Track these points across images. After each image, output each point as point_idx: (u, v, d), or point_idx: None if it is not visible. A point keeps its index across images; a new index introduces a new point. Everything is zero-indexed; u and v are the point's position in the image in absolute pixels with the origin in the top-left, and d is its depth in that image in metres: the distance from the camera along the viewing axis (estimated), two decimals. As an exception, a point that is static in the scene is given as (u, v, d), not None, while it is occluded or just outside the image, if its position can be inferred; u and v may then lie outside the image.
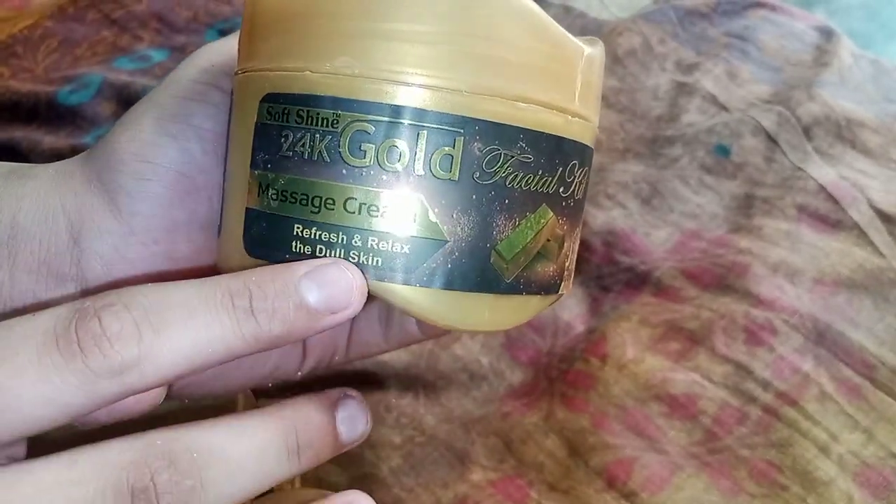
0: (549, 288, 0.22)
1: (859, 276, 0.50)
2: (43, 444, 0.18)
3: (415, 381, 0.46)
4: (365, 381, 0.46)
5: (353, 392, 0.21)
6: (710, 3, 0.77)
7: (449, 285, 0.20)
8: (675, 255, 0.54)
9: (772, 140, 0.61)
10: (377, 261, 0.19)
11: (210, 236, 0.24)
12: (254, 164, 0.20)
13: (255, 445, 0.18)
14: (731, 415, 0.43)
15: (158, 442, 0.17)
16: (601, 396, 0.45)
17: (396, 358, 0.46)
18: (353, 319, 0.28)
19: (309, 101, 0.19)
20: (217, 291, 0.18)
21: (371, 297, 0.28)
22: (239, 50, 0.22)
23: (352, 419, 0.21)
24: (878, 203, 0.55)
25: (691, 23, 0.75)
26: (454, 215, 0.19)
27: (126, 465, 0.17)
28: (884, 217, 0.54)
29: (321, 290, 0.19)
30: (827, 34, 0.73)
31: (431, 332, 0.27)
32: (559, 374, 0.47)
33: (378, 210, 0.19)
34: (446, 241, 0.19)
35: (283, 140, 0.20)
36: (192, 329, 0.18)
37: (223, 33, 0.70)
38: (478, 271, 0.20)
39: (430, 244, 0.19)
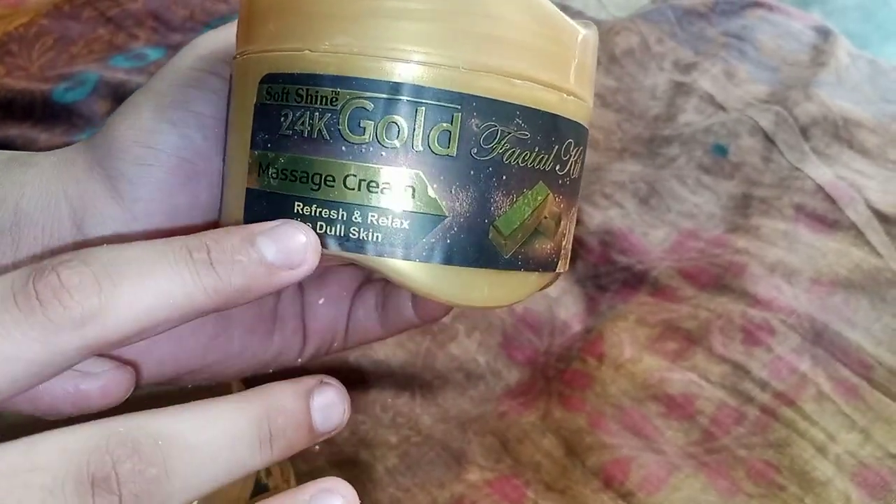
0: (546, 265, 0.22)
1: (856, 276, 0.50)
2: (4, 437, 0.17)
3: (411, 381, 0.46)
4: (361, 380, 0.46)
5: (331, 379, 0.20)
6: (707, 3, 0.77)
7: (448, 260, 0.20)
8: (673, 254, 0.54)
9: (769, 140, 0.61)
10: (377, 236, 0.19)
11: (211, 222, 0.24)
12: (254, 145, 0.21)
13: (224, 433, 0.18)
14: (729, 415, 0.43)
15: (121, 429, 0.17)
16: (598, 396, 0.45)
17: (393, 357, 0.46)
18: (351, 306, 0.28)
19: (308, 79, 0.19)
20: (175, 246, 0.18)
21: (367, 283, 0.28)
22: (237, 34, 0.22)
23: (328, 408, 0.20)
24: (876, 203, 0.55)
25: (689, 22, 0.75)
26: (453, 191, 0.19)
27: (87, 452, 0.16)
28: (881, 217, 0.54)
29: (278, 245, 0.19)
30: (824, 34, 0.73)
31: (428, 316, 0.28)
32: (556, 373, 0.47)
33: (377, 186, 0.19)
34: (445, 217, 0.19)
35: (282, 119, 0.20)
36: (153, 281, 0.18)
37: (220, 32, 0.70)
38: (476, 247, 0.20)
39: (429, 219, 0.19)
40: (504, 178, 0.20)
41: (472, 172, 0.19)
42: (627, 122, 0.66)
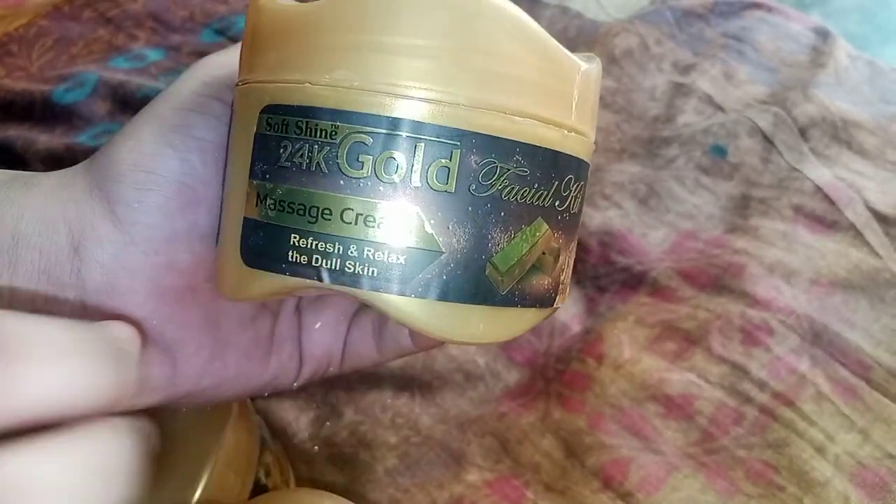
0: (543, 301, 0.22)
1: (855, 276, 0.50)
2: None
3: (411, 382, 0.46)
4: (361, 381, 0.46)
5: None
6: (706, 4, 0.77)
7: (444, 296, 0.20)
8: (672, 255, 0.54)
9: (768, 141, 0.61)
10: (373, 271, 0.19)
11: (210, 247, 0.24)
12: (252, 175, 0.20)
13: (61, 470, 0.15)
14: (728, 415, 0.43)
15: None
16: (597, 397, 0.45)
17: (392, 358, 0.46)
18: (348, 331, 0.28)
19: (308, 112, 0.19)
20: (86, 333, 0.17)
21: (364, 308, 0.28)
22: (240, 62, 0.22)
23: None
24: (875, 204, 0.55)
25: (688, 23, 0.75)
26: (450, 227, 0.19)
27: None
28: (880, 218, 0.54)
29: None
30: (823, 35, 0.73)
31: (425, 344, 0.28)
32: (556, 374, 0.47)
33: (374, 221, 0.19)
34: (442, 253, 0.19)
35: (281, 151, 0.20)
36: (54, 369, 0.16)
37: (219, 33, 0.70)
38: (473, 283, 0.20)
39: (426, 255, 0.19)
40: (502, 214, 0.20)
41: (469, 209, 0.19)
42: (626, 123, 0.66)
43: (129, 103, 0.60)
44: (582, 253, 0.54)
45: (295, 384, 0.28)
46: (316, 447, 0.43)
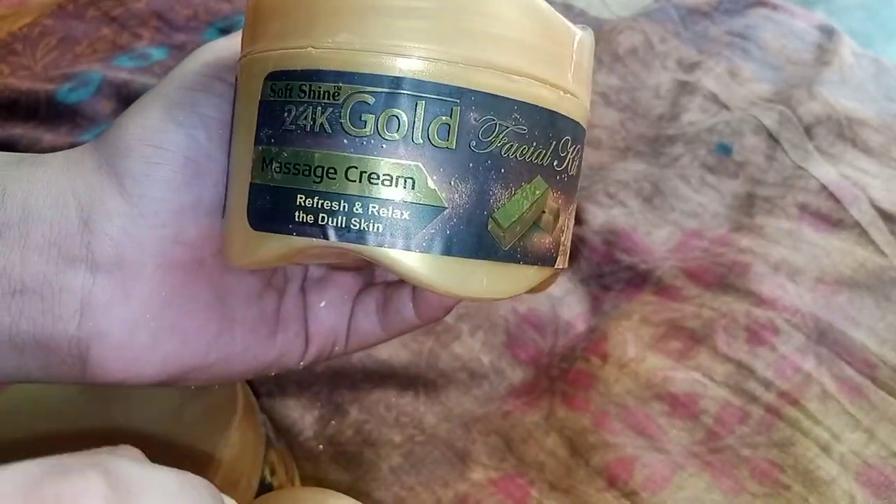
0: (545, 259, 0.22)
1: (861, 275, 0.50)
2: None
3: (415, 380, 0.46)
4: (366, 379, 0.46)
5: None
6: (711, 2, 0.77)
7: (447, 251, 0.20)
8: (677, 253, 0.53)
9: (773, 139, 0.61)
10: (378, 227, 0.20)
11: (215, 222, 0.24)
12: (258, 141, 0.21)
13: None
14: (733, 414, 0.43)
15: None
16: (602, 395, 0.45)
17: (396, 356, 0.46)
18: (352, 310, 0.29)
19: (312, 75, 0.20)
20: None
21: (368, 287, 0.29)
22: (243, 37, 0.23)
23: None
24: (880, 202, 0.55)
25: (693, 21, 0.75)
26: (452, 182, 0.20)
27: None
28: (885, 216, 0.54)
29: None
30: (828, 33, 0.73)
31: (428, 316, 0.28)
32: (560, 372, 0.47)
33: (378, 178, 0.20)
34: (444, 208, 0.20)
35: (286, 114, 0.20)
36: None
37: (223, 31, 0.70)
38: (475, 238, 0.20)
39: (429, 210, 0.20)
40: (502, 170, 0.20)
41: (470, 165, 0.20)
42: (631, 121, 0.66)
43: (132, 102, 0.60)
44: (586, 251, 0.54)
45: (301, 363, 0.28)
46: (321, 446, 0.43)
